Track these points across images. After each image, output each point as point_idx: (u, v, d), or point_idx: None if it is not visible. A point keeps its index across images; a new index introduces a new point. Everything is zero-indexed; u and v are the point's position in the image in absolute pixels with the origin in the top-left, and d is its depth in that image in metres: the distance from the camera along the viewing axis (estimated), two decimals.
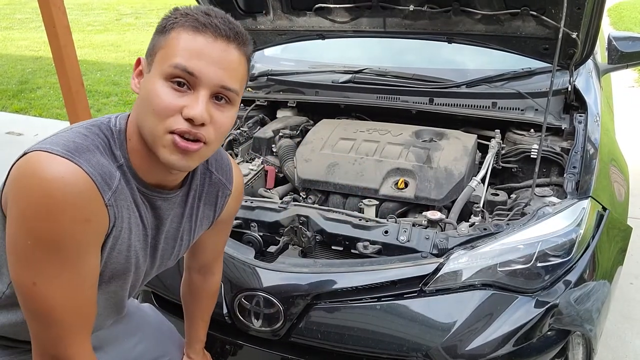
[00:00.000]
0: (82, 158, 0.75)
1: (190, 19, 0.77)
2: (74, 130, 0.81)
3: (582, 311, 1.25)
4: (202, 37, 0.76)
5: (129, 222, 0.84)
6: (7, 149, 3.40)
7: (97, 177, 0.75)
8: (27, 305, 0.77)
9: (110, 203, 0.78)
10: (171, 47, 0.77)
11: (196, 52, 0.76)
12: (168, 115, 0.76)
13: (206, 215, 1.03)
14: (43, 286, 0.75)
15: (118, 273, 0.89)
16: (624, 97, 4.73)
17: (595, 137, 1.63)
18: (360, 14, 1.88)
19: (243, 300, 1.30)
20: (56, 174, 0.71)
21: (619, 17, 8.59)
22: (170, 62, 0.76)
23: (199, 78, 0.76)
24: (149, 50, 0.81)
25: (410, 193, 1.55)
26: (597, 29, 1.57)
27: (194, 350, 1.28)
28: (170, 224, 0.95)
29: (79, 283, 0.78)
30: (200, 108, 0.76)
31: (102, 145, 0.80)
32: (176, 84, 0.76)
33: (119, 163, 0.82)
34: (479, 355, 1.17)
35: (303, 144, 1.81)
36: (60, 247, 0.74)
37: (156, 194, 0.88)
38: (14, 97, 5.41)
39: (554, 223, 1.29)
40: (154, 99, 0.76)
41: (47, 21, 2.70)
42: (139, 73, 0.83)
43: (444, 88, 1.96)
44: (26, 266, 0.74)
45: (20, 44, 8.29)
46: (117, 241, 0.83)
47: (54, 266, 0.75)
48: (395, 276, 1.24)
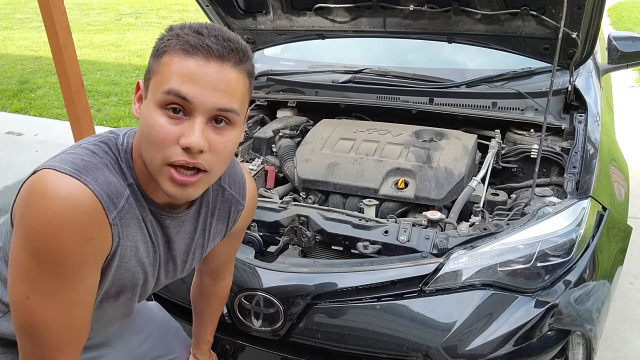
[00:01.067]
0: (89, 176, 0.74)
1: (181, 41, 0.73)
2: (83, 147, 0.80)
3: (582, 311, 1.25)
4: (193, 60, 0.72)
5: (135, 241, 0.83)
6: (7, 149, 3.40)
7: (103, 196, 0.75)
8: (18, 319, 0.77)
9: (115, 222, 0.77)
10: (163, 73, 0.74)
11: (188, 77, 0.72)
12: (165, 146, 0.74)
13: (219, 230, 1.02)
14: (36, 301, 0.74)
15: (126, 288, 0.88)
16: (624, 97, 4.73)
17: (595, 137, 1.63)
18: (360, 13, 1.88)
19: (243, 300, 1.30)
20: (62, 193, 0.71)
21: (619, 16, 8.60)
22: (163, 89, 0.73)
23: (193, 103, 0.73)
24: (145, 75, 0.79)
25: (410, 193, 1.55)
26: (597, 28, 1.57)
27: (200, 350, 1.29)
28: (181, 240, 0.95)
29: (74, 301, 0.77)
30: (196, 136, 0.73)
31: (111, 164, 0.79)
32: (171, 110, 0.73)
33: (129, 182, 0.81)
34: (479, 355, 1.17)
35: (303, 144, 1.81)
36: (59, 263, 0.73)
37: (165, 213, 0.87)
38: (14, 97, 5.41)
39: (554, 223, 1.29)
40: (150, 130, 0.74)
41: (47, 21, 2.70)
42: (140, 98, 0.81)
43: (444, 88, 1.96)
44: (22, 280, 0.74)
45: (20, 43, 8.29)
46: (123, 260, 0.83)
47: (50, 282, 0.74)
48: (395, 276, 1.24)
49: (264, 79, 2.26)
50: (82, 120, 2.91)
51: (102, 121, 4.65)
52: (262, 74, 2.27)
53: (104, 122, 4.65)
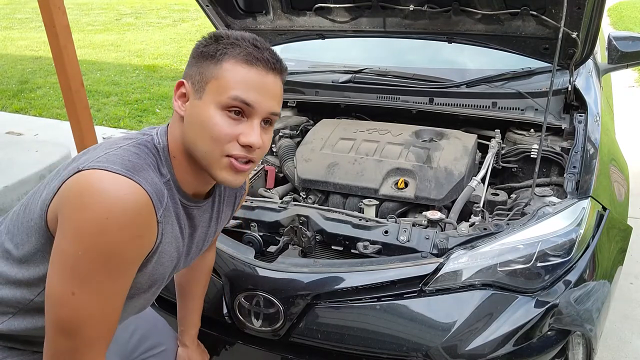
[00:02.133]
0: (140, 176, 0.79)
1: (243, 51, 0.84)
2: (124, 149, 0.84)
3: (582, 311, 1.25)
4: (255, 70, 0.84)
5: (171, 236, 0.90)
6: (7, 149, 3.40)
7: (154, 195, 0.80)
8: (58, 314, 0.79)
9: (161, 220, 0.83)
10: (226, 78, 0.83)
11: (252, 85, 0.83)
12: (226, 142, 0.83)
13: (227, 215, 1.12)
14: (82, 297, 0.77)
15: (156, 281, 0.94)
16: (624, 96, 4.73)
17: (595, 137, 1.63)
18: (360, 13, 1.88)
19: (243, 300, 1.30)
20: (118, 192, 0.76)
21: (619, 16, 8.60)
22: (229, 95, 0.82)
23: (255, 108, 0.84)
24: (196, 77, 0.85)
25: (410, 193, 1.55)
26: (597, 28, 1.57)
27: (189, 336, 1.29)
28: (201, 229, 1.02)
29: (115, 296, 0.82)
30: (257, 136, 0.84)
31: (152, 164, 0.86)
32: (233, 112, 0.83)
33: (166, 179, 0.87)
34: (479, 355, 1.17)
35: (303, 144, 1.81)
36: (109, 260, 0.77)
37: (193, 204, 0.95)
38: (14, 97, 5.41)
39: (554, 223, 1.29)
40: (212, 127, 0.83)
41: (47, 21, 2.70)
42: (182, 95, 0.88)
43: (444, 88, 1.96)
44: (71, 277, 0.76)
45: (20, 43, 8.30)
46: (161, 255, 0.88)
47: (98, 278, 0.77)
48: (395, 276, 1.24)
49: None
50: (82, 120, 2.91)
51: (102, 121, 4.65)
52: None
53: (104, 122, 4.65)
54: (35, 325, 0.91)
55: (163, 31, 9.26)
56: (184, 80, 0.88)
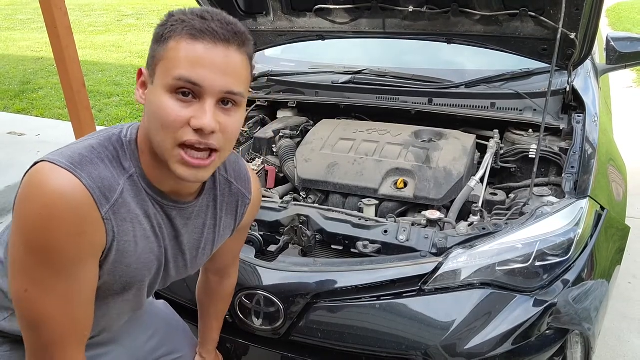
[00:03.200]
0: (83, 171, 0.75)
1: (187, 26, 0.75)
2: (84, 142, 0.81)
3: (580, 310, 1.26)
4: (201, 44, 0.74)
5: (134, 235, 0.83)
6: (9, 149, 3.41)
7: (95, 191, 0.75)
8: (19, 311, 0.79)
9: (108, 217, 0.77)
10: (171, 58, 0.75)
11: (197, 61, 0.74)
12: (176, 128, 0.75)
13: (228, 225, 1.04)
14: (34, 294, 0.76)
15: (130, 284, 0.89)
16: (622, 97, 4.73)
17: (593, 137, 1.64)
18: (360, 15, 1.89)
19: (244, 299, 1.31)
20: (55, 186, 0.72)
21: (618, 17, 8.60)
22: (173, 75, 0.74)
23: (203, 87, 0.75)
24: (149, 61, 0.80)
25: (409, 193, 1.56)
26: (596, 29, 1.57)
27: (206, 350, 1.29)
28: (190, 235, 0.95)
29: (72, 295, 0.78)
30: (209, 117, 0.75)
31: (109, 158, 0.80)
32: (181, 94, 0.75)
33: (129, 174, 0.81)
34: (478, 354, 1.17)
35: (303, 144, 1.82)
36: (51, 256, 0.74)
37: (172, 204, 0.88)
38: (16, 98, 5.43)
39: (552, 222, 1.30)
40: (160, 113, 0.76)
41: (48, 22, 2.71)
42: (142, 84, 0.82)
43: (443, 88, 1.97)
44: (20, 272, 0.76)
45: (22, 44, 8.31)
46: (122, 255, 0.83)
47: (45, 275, 0.75)
48: (395, 275, 1.24)
49: (265, 79, 2.27)
50: (84, 120, 2.92)
51: (103, 122, 4.66)
52: (263, 75, 2.28)
53: (106, 122, 4.66)
54: None
55: None
56: (142, 68, 0.82)
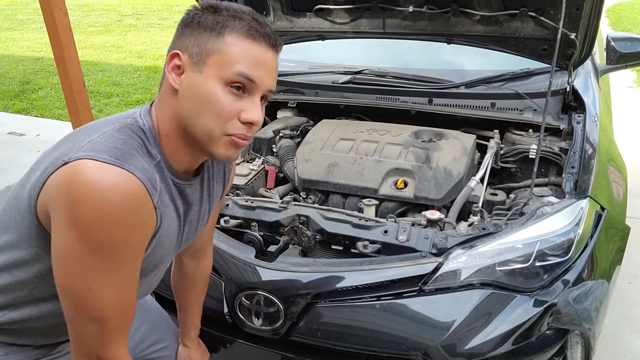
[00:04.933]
0: (130, 164, 0.77)
1: (245, 25, 0.80)
2: (108, 135, 0.80)
3: (580, 310, 1.26)
4: (260, 46, 0.81)
5: (169, 218, 0.88)
6: (9, 149, 3.41)
7: (147, 182, 0.78)
8: (79, 308, 0.79)
9: (158, 205, 0.82)
10: (230, 52, 0.79)
11: (256, 61, 0.80)
12: (228, 119, 0.81)
13: (218, 192, 1.08)
14: (98, 290, 0.78)
15: (158, 264, 0.94)
16: (623, 97, 4.73)
17: (593, 137, 1.64)
18: (360, 15, 1.89)
19: (243, 299, 1.31)
20: (110, 182, 0.73)
21: (618, 17, 8.60)
22: (234, 70, 0.79)
23: (257, 84, 0.81)
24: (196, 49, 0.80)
25: (409, 193, 1.56)
26: (596, 29, 1.58)
27: (189, 337, 1.30)
28: (194, 208, 0.99)
29: (130, 284, 0.83)
30: (259, 113, 0.82)
31: (140, 148, 0.82)
32: (235, 88, 0.80)
33: (156, 161, 0.84)
34: (478, 354, 1.17)
35: (303, 144, 1.82)
36: (117, 252, 0.77)
37: (185, 182, 0.92)
38: (16, 98, 5.43)
39: (552, 223, 1.30)
40: (214, 103, 0.79)
41: (48, 22, 2.71)
42: (176, 67, 0.82)
43: (443, 89, 1.97)
44: (81, 273, 0.76)
45: (22, 44, 8.31)
46: (161, 239, 0.88)
47: (110, 270, 0.78)
48: (395, 275, 1.24)
49: None
50: (84, 120, 2.92)
51: None
52: None
53: None
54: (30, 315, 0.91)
55: (164, 32, 9.27)
56: (179, 52, 0.82)
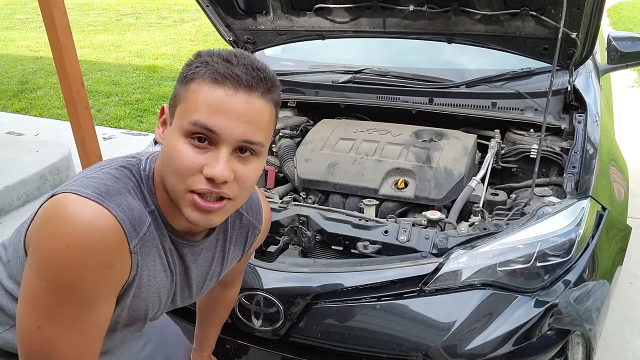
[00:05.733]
0: (112, 202, 0.72)
1: (210, 69, 0.72)
2: (105, 171, 0.78)
3: (581, 311, 1.26)
4: (222, 89, 0.71)
5: (153, 270, 0.82)
6: (8, 149, 3.40)
7: (125, 223, 0.73)
8: (25, 347, 0.73)
9: (135, 250, 0.75)
10: (190, 101, 0.72)
11: (216, 107, 0.71)
12: (188, 175, 0.73)
13: (235, 255, 1.02)
14: (48, 330, 0.71)
15: (139, 317, 0.87)
16: (624, 97, 4.73)
17: (594, 137, 1.63)
18: (360, 14, 1.88)
19: (243, 300, 1.30)
20: (84, 218, 0.69)
21: (619, 17, 8.60)
22: (190, 119, 0.72)
23: (219, 134, 0.71)
24: (171, 100, 0.77)
25: (410, 193, 1.55)
26: (597, 29, 1.57)
27: (202, 357, 1.29)
28: (199, 269, 0.94)
29: (87, 331, 0.75)
30: (221, 167, 0.71)
31: (133, 189, 0.78)
32: (196, 139, 0.72)
33: (151, 208, 0.80)
34: (479, 354, 1.17)
35: (303, 144, 1.82)
36: (76, 291, 0.71)
37: (185, 242, 0.87)
38: (15, 97, 5.42)
39: (553, 223, 1.30)
40: (174, 158, 0.73)
41: (47, 21, 2.70)
42: (164, 122, 0.79)
43: (444, 88, 1.97)
44: (35, 308, 0.71)
45: (21, 44, 8.30)
46: (140, 289, 0.81)
47: (65, 311, 0.71)
48: (395, 276, 1.24)
49: None
50: (83, 120, 2.91)
51: (102, 121, 4.65)
52: None
53: (105, 122, 4.65)
54: None
55: (163, 31, 9.26)
56: (165, 106, 0.79)
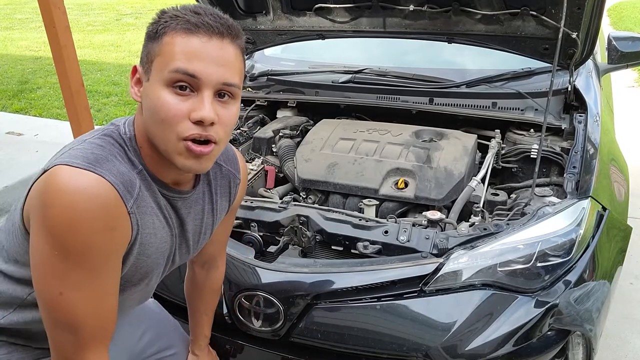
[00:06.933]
0: (103, 168, 0.76)
1: (181, 21, 0.77)
2: (89, 142, 0.81)
3: (582, 311, 1.25)
4: (196, 37, 0.76)
5: (153, 227, 0.86)
6: (7, 149, 3.40)
7: (119, 186, 0.77)
8: (52, 314, 0.79)
9: (133, 211, 0.80)
10: (167, 52, 0.77)
11: (194, 54, 0.76)
12: (177, 122, 0.77)
13: (223, 206, 1.07)
14: (70, 295, 0.77)
15: (148, 273, 0.91)
16: (624, 97, 4.73)
17: (595, 137, 1.63)
18: (360, 14, 1.88)
19: (243, 300, 1.30)
20: (79, 186, 0.73)
21: (619, 17, 8.60)
22: (170, 68, 0.76)
23: (200, 79, 0.76)
24: (144, 58, 0.81)
25: (410, 193, 1.55)
26: (597, 28, 1.57)
27: (198, 346, 1.29)
28: (193, 221, 0.98)
29: (104, 291, 0.80)
30: (208, 108, 0.77)
31: (119, 154, 0.82)
32: (178, 88, 0.77)
33: (138, 169, 0.83)
34: (479, 355, 1.17)
35: (303, 144, 1.81)
36: (87, 257, 0.75)
37: (176, 195, 0.91)
38: (14, 97, 5.41)
39: (554, 223, 1.29)
40: (160, 109, 0.77)
41: (47, 21, 2.70)
42: (137, 81, 0.83)
43: (444, 88, 1.97)
44: (53, 277, 0.76)
45: (21, 44, 8.29)
46: (144, 247, 0.85)
47: (81, 276, 0.76)
48: (395, 276, 1.24)
49: (264, 79, 2.26)
50: (82, 120, 2.91)
51: (102, 121, 4.65)
52: (263, 74, 2.27)
53: (104, 122, 4.65)
54: (33, 318, 0.91)
55: None
56: (136, 65, 0.83)
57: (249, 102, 2.17)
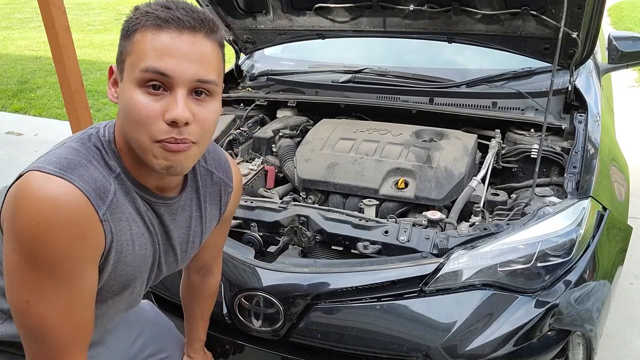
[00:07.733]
0: (74, 174, 0.73)
1: (151, 17, 0.73)
2: (66, 146, 0.79)
3: (582, 311, 1.25)
4: (166, 33, 0.73)
5: (130, 234, 0.83)
6: (7, 149, 3.40)
7: (90, 193, 0.74)
8: (21, 323, 0.77)
9: (105, 218, 0.76)
10: (137, 51, 0.74)
11: (164, 51, 0.72)
12: (150, 124, 0.73)
13: (213, 215, 1.03)
14: (36, 304, 0.74)
15: (129, 282, 0.88)
16: (624, 96, 4.73)
17: (595, 137, 1.63)
18: (360, 13, 1.88)
19: (243, 300, 1.30)
20: (48, 193, 0.71)
21: (619, 16, 8.59)
22: (141, 67, 0.73)
23: (172, 77, 0.73)
24: (118, 57, 0.78)
25: (410, 193, 1.55)
26: (598, 28, 1.57)
27: (194, 349, 1.28)
28: (179, 230, 0.95)
29: (74, 301, 0.77)
30: (180, 108, 0.73)
31: (95, 158, 0.79)
32: (151, 87, 0.73)
33: (116, 173, 0.81)
34: (479, 355, 1.17)
35: (303, 144, 1.81)
36: (56, 265, 0.73)
37: (159, 200, 0.87)
38: (14, 97, 5.41)
39: (554, 223, 1.29)
40: (132, 110, 0.74)
41: (46, 21, 2.70)
42: (114, 82, 0.80)
43: (444, 88, 1.96)
44: (20, 285, 0.74)
45: (20, 43, 8.29)
46: (120, 255, 0.82)
47: (48, 284, 0.74)
48: (395, 276, 1.23)
49: (264, 78, 2.26)
50: (82, 120, 2.91)
51: (101, 121, 4.65)
52: (262, 74, 2.27)
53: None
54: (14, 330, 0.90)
55: None
56: (113, 66, 0.80)
57: (249, 102, 2.17)
